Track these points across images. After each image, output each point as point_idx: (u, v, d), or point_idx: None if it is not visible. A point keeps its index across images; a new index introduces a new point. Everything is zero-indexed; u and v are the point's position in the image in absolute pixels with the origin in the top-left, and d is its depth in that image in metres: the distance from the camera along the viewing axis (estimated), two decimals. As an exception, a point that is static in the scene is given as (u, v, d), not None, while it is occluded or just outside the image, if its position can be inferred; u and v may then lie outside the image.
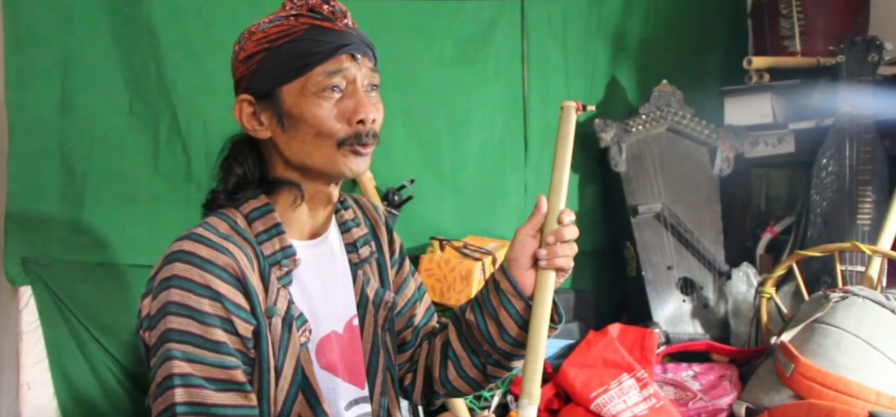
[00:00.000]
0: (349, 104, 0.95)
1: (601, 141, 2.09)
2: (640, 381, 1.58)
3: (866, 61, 1.87)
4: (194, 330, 0.87)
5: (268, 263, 0.95)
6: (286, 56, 0.93)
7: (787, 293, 1.87)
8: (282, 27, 0.94)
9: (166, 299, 0.88)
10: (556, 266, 1.01)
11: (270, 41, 0.93)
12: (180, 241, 0.91)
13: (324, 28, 0.94)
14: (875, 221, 1.79)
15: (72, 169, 1.58)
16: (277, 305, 0.94)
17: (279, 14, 0.96)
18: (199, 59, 1.68)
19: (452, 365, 1.10)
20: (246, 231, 0.95)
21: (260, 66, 0.94)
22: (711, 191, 2.14)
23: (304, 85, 0.93)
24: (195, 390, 0.87)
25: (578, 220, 2.21)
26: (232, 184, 0.97)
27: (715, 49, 2.40)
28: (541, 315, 1.00)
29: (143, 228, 1.64)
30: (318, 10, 0.95)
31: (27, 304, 1.56)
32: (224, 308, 0.88)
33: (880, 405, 1.37)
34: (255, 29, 0.96)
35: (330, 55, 0.93)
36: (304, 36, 0.93)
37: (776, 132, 2.12)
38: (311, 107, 0.93)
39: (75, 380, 1.58)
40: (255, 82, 0.95)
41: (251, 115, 0.96)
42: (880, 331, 1.47)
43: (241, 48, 0.97)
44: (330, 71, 0.93)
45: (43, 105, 1.56)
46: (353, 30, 0.97)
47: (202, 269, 0.88)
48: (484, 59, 2.07)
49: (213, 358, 0.88)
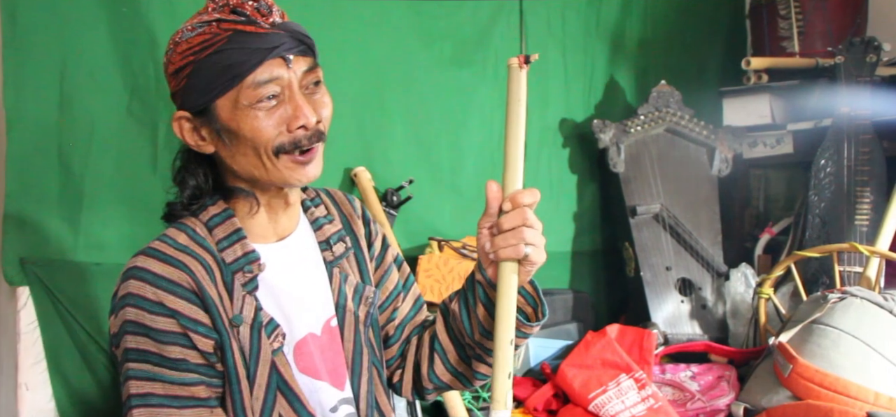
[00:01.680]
0: (287, 110, 0.89)
1: (600, 141, 2.09)
2: (638, 382, 1.58)
3: (864, 62, 1.87)
4: (151, 349, 0.86)
5: (230, 270, 0.92)
6: (212, 69, 0.87)
7: (785, 294, 1.88)
8: (205, 36, 0.87)
9: (123, 318, 0.87)
10: (503, 258, 0.89)
11: (195, 53, 0.87)
12: (136, 257, 0.89)
13: (248, 33, 0.87)
14: (873, 222, 1.79)
15: (70, 169, 1.58)
16: (243, 313, 0.91)
17: (202, 18, 0.89)
18: (197, 60, 1.68)
19: (439, 358, 1.06)
20: (206, 239, 0.92)
21: (189, 81, 0.89)
22: (710, 192, 2.14)
23: (237, 98, 0.87)
24: (155, 409, 0.86)
25: (577, 221, 2.25)
26: (187, 196, 0.94)
27: (713, 50, 2.40)
28: (503, 310, 0.89)
29: (142, 229, 1.63)
30: (241, 10, 0.87)
31: (25, 305, 1.56)
32: (179, 324, 0.87)
33: (878, 405, 1.37)
34: (179, 39, 0.90)
35: (258, 63, 0.87)
36: (228, 45, 0.86)
37: (774, 133, 2.12)
38: (246, 121, 0.88)
39: (73, 381, 1.58)
40: (188, 98, 0.90)
41: (192, 131, 0.92)
42: (878, 332, 1.47)
43: (169, 60, 0.91)
44: (259, 80, 0.87)
45: (41, 105, 1.55)
46: (283, 26, 0.89)
47: (155, 286, 0.86)
48: (483, 60, 2.07)
49: (173, 376, 0.87)
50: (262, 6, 0.89)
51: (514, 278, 0.90)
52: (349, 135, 1.87)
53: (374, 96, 1.92)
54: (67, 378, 1.58)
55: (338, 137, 1.85)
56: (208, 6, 0.90)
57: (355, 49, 1.89)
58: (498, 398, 0.87)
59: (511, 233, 0.89)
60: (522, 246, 0.89)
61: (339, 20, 1.87)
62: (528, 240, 0.89)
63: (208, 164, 0.95)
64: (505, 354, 0.88)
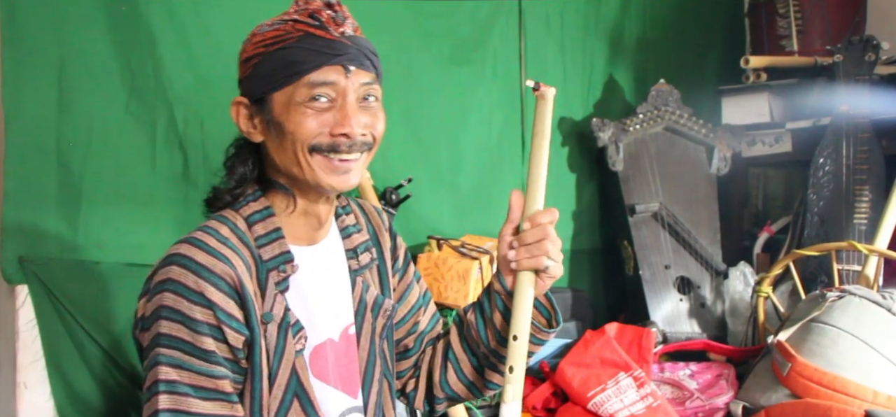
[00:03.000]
0: (335, 116, 0.92)
1: (599, 140, 2.09)
2: (637, 380, 1.59)
3: (863, 61, 1.87)
4: (184, 337, 0.87)
5: (266, 268, 0.94)
6: (277, 63, 0.91)
7: (784, 292, 1.88)
8: (278, 32, 0.92)
9: (160, 302, 0.88)
10: (524, 267, 0.97)
11: (266, 46, 0.92)
12: (179, 244, 0.90)
13: (317, 37, 0.91)
14: (872, 220, 1.79)
15: (68, 168, 1.57)
16: (274, 311, 0.93)
17: (282, 16, 0.94)
18: (196, 59, 1.68)
19: (452, 368, 1.10)
20: (246, 234, 0.94)
21: (255, 70, 0.93)
22: (709, 191, 2.14)
23: (292, 94, 0.91)
24: (180, 397, 0.86)
25: (576, 219, 2.25)
26: (234, 181, 0.97)
27: (712, 48, 2.40)
28: (519, 318, 0.96)
29: (140, 227, 1.63)
30: (318, 16, 0.92)
31: (24, 303, 1.56)
32: (215, 316, 0.87)
33: (877, 404, 1.37)
34: (257, 31, 0.95)
35: (319, 66, 0.91)
36: (297, 44, 0.91)
37: (773, 131, 2.12)
38: (294, 116, 0.91)
39: (72, 380, 1.58)
40: (250, 86, 0.94)
41: (247, 118, 0.95)
42: (877, 330, 1.47)
43: (243, 49, 0.96)
44: (315, 81, 0.91)
45: (39, 104, 1.55)
46: (352, 39, 0.94)
47: (197, 276, 0.87)
48: (481, 59, 2.07)
49: (201, 366, 0.87)
50: (338, 16, 0.93)
51: (529, 285, 0.97)
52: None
53: (373, 95, 1.92)
54: (66, 377, 1.57)
55: (337, 136, 1.85)
56: (291, 8, 0.94)
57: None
58: (509, 394, 0.94)
59: (535, 245, 0.96)
60: (543, 258, 0.95)
61: (338, 19, 1.86)
62: (549, 254, 0.96)
63: (256, 155, 0.98)
64: (522, 352, 0.96)
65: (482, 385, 1.10)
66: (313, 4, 0.93)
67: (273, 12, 0.95)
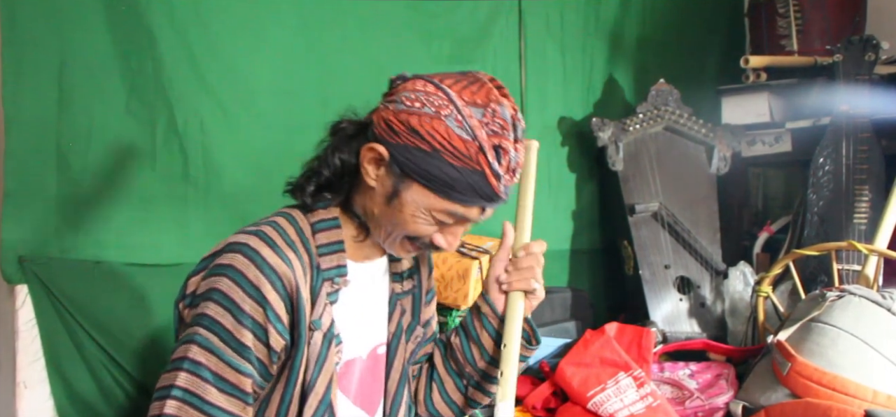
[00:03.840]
0: (444, 233, 0.96)
1: (598, 140, 2.09)
2: (637, 380, 1.58)
3: (863, 60, 1.87)
4: (227, 325, 0.87)
5: (322, 277, 0.95)
6: (440, 171, 0.90)
7: (783, 292, 1.88)
8: (462, 146, 0.89)
9: (215, 285, 0.88)
10: (515, 288, 1.06)
11: (443, 146, 0.89)
12: (248, 236, 0.91)
13: (487, 183, 0.91)
14: (872, 220, 1.79)
15: (68, 167, 1.57)
16: (322, 320, 0.93)
17: (474, 120, 0.90)
18: (196, 58, 1.68)
19: (437, 388, 1.13)
20: (309, 240, 0.95)
21: (418, 154, 0.90)
22: (708, 190, 2.14)
23: (430, 200, 0.92)
24: (200, 381, 0.86)
25: (576, 219, 2.24)
26: (322, 180, 0.97)
27: (712, 48, 2.40)
28: (510, 333, 1.04)
29: (140, 227, 1.64)
30: (502, 155, 0.91)
31: (23, 303, 1.56)
32: (265, 314, 0.88)
33: (876, 403, 1.37)
34: (444, 115, 0.89)
35: (470, 204, 0.93)
36: (467, 174, 0.90)
37: (773, 131, 2.12)
38: (416, 215, 0.93)
39: (72, 379, 1.58)
40: (402, 156, 0.91)
41: (374, 164, 0.94)
42: (877, 330, 1.47)
43: (420, 117, 0.90)
44: (457, 213, 0.93)
45: (39, 104, 1.55)
46: (508, 190, 0.96)
47: (260, 270, 0.88)
48: (481, 59, 2.06)
49: (232, 358, 0.87)
50: (513, 163, 0.94)
51: (518, 305, 1.07)
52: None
53: (374, 94, 1.91)
54: (65, 377, 1.58)
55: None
56: (486, 115, 0.91)
57: (354, 48, 1.89)
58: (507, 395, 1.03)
59: (527, 270, 1.06)
60: (533, 281, 1.06)
61: (338, 19, 1.86)
62: (538, 278, 1.07)
63: (354, 180, 0.98)
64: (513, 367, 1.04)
65: (464, 404, 1.14)
66: (505, 142, 0.91)
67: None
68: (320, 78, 1.84)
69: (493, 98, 0.91)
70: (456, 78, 0.93)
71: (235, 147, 1.73)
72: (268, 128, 1.77)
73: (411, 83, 0.94)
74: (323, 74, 1.84)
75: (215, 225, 1.68)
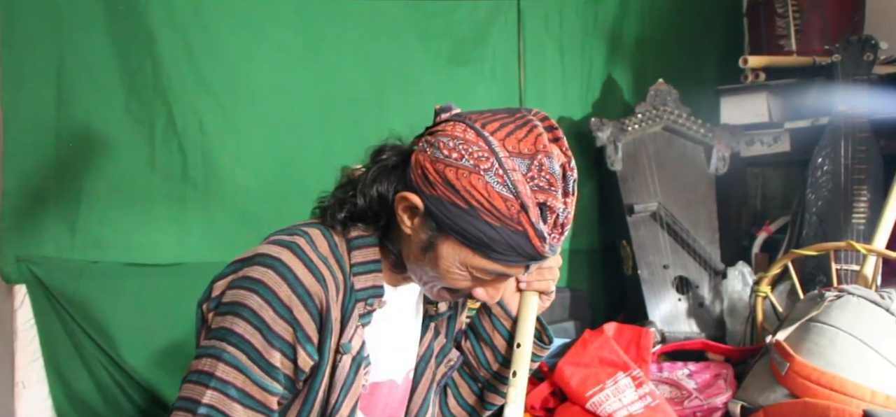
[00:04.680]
0: (485, 288, 0.90)
1: (597, 140, 2.09)
2: (635, 380, 1.58)
3: (862, 60, 1.87)
4: (256, 344, 0.84)
5: (355, 297, 0.90)
6: (478, 229, 0.82)
7: (782, 292, 1.88)
8: (501, 203, 0.81)
9: (245, 301, 0.84)
10: (533, 289, 1.03)
11: (480, 203, 0.81)
12: (280, 248, 0.86)
13: (530, 243, 0.83)
14: (870, 220, 1.79)
15: (67, 167, 1.57)
16: (352, 343, 0.90)
17: (516, 177, 0.81)
18: (195, 58, 1.68)
19: (451, 394, 1.11)
20: (343, 257, 0.90)
21: (454, 210, 0.82)
22: (707, 190, 2.14)
23: (468, 256, 0.85)
24: (227, 400, 0.84)
25: (575, 219, 2.23)
26: (347, 212, 0.91)
27: (711, 48, 2.40)
28: (524, 333, 1.01)
29: (139, 227, 1.64)
30: (548, 215, 0.83)
31: (22, 303, 1.56)
32: (295, 336, 0.85)
33: (874, 403, 1.37)
34: (482, 169, 0.81)
35: (513, 265, 0.85)
36: (508, 235, 0.82)
37: (772, 131, 2.12)
38: (454, 270, 0.87)
39: (70, 379, 1.58)
40: (437, 209, 0.84)
41: (408, 212, 0.87)
42: (875, 330, 1.47)
43: (458, 171, 0.82)
44: (497, 272, 0.86)
45: (38, 103, 1.55)
46: (552, 248, 0.86)
47: (292, 290, 0.84)
48: (480, 58, 2.07)
49: (259, 377, 0.85)
50: (562, 220, 0.86)
51: (533, 305, 1.04)
52: (347, 134, 1.87)
53: (373, 94, 1.92)
54: (64, 376, 1.58)
55: (335, 136, 1.85)
56: (532, 169, 0.82)
57: (353, 47, 1.89)
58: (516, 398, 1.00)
59: (548, 271, 1.03)
60: (551, 283, 1.04)
61: (338, 19, 1.87)
62: (556, 279, 1.05)
63: (389, 212, 0.90)
64: (525, 367, 1.02)
65: (481, 407, 1.11)
66: (552, 199, 0.83)
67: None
68: (319, 77, 1.84)
69: (542, 148, 0.82)
70: (502, 121, 0.84)
71: (235, 146, 1.73)
72: (267, 127, 1.77)
73: (452, 127, 0.85)
74: (322, 74, 1.85)
75: (214, 224, 1.68)
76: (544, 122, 0.87)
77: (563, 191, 0.85)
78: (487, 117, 0.85)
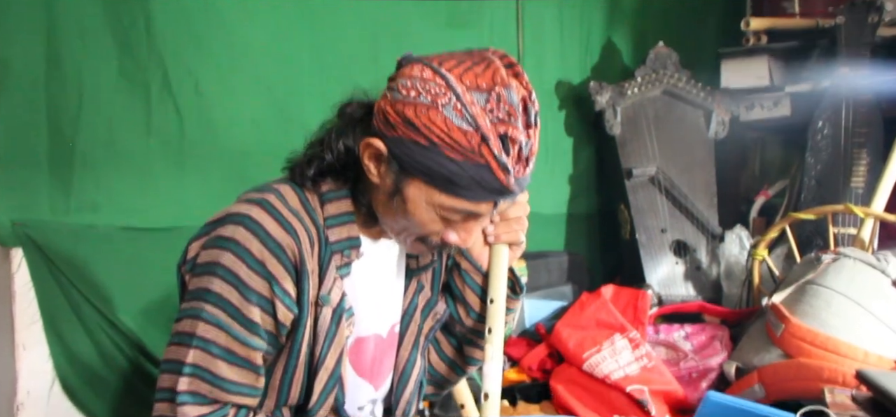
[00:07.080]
0: (458, 230, 0.89)
1: (596, 103, 2.07)
2: (632, 342, 1.60)
3: (866, 23, 1.85)
4: (233, 301, 0.85)
5: (330, 250, 0.90)
6: (442, 167, 0.82)
7: (779, 256, 1.89)
8: (462, 139, 0.81)
9: (218, 259, 0.85)
10: (502, 241, 1.00)
11: (441, 139, 0.81)
12: (249, 205, 0.87)
13: (494, 177, 0.82)
14: (869, 184, 1.79)
15: (60, 129, 1.55)
16: (331, 295, 0.90)
17: (476, 111, 0.81)
18: (190, 16, 1.64)
19: (433, 350, 1.11)
20: (316, 211, 0.90)
21: (415, 149, 0.83)
22: (706, 155, 2.13)
23: (435, 197, 0.85)
24: (210, 357, 0.85)
25: (573, 183, 2.24)
26: (316, 168, 0.90)
27: (712, 10, 2.37)
28: (496, 288, 1.00)
29: (135, 190, 1.62)
30: (510, 146, 0.82)
31: (19, 266, 1.55)
32: (271, 289, 0.86)
33: (867, 363, 1.38)
34: (442, 104, 0.81)
35: (479, 201, 0.85)
36: (472, 169, 0.82)
37: (772, 95, 2.11)
38: (422, 213, 0.86)
39: (69, 341, 1.58)
40: (400, 151, 0.84)
41: (374, 160, 0.87)
42: (869, 291, 1.48)
43: (416, 107, 0.82)
44: (465, 210, 0.86)
45: (29, 63, 1.52)
46: (519, 182, 0.85)
47: (263, 244, 0.85)
48: (478, 22, 2.04)
49: (240, 333, 0.86)
50: (525, 152, 0.85)
51: (503, 257, 1.01)
52: (344, 96, 1.84)
53: (369, 58, 1.89)
54: (63, 338, 1.58)
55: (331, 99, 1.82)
56: (491, 101, 0.82)
57: (349, 9, 1.86)
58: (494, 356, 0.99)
59: (516, 221, 0.99)
60: (520, 232, 1.00)
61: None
62: (524, 229, 1.01)
63: (358, 165, 0.89)
64: (500, 321, 1.00)
65: (463, 361, 1.11)
66: (512, 129, 0.82)
67: None
68: (315, 39, 1.81)
69: (500, 80, 0.82)
70: (459, 59, 0.84)
71: (231, 107, 1.71)
72: (264, 88, 1.75)
73: (409, 68, 0.85)
74: (318, 35, 1.82)
75: (212, 186, 1.67)
76: (503, 60, 0.86)
77: (525, 122, 0.85)
78: (445, 57, 0.86)
